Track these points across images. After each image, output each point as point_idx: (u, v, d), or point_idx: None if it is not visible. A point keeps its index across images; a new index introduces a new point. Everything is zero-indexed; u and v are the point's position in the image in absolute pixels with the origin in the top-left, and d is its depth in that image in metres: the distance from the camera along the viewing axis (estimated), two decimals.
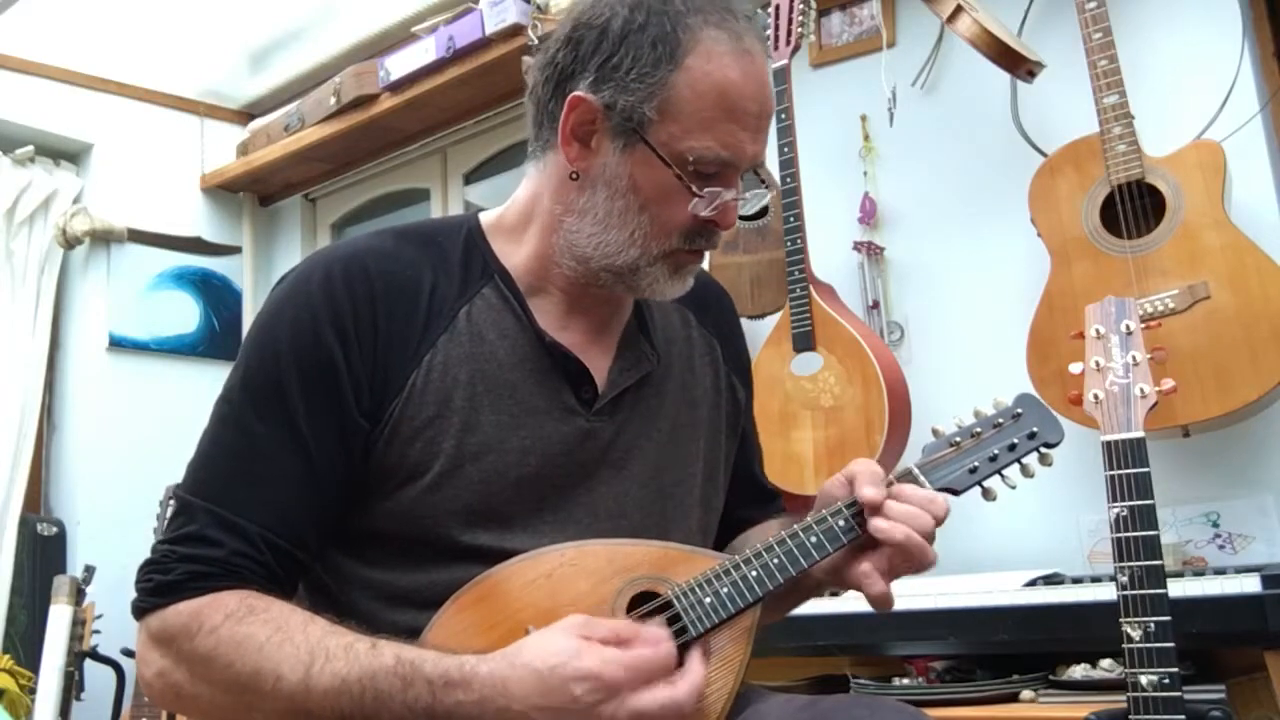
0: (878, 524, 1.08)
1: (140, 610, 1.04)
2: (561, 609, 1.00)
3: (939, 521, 1.10)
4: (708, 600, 1.04)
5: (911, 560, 1.09)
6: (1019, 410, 1.21)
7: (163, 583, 1.02)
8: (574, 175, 1.10)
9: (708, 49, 1.05)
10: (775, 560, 1.07)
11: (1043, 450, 1.20)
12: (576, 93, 1.08)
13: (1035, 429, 1.20)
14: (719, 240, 1.14)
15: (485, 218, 1.21)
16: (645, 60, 1.05)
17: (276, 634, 0.98)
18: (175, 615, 1.01)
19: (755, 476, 1.37)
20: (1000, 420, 1.20)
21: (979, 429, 1.20)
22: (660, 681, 0.94)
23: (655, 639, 0.96)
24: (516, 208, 1.19)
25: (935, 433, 1.21)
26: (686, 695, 0.94)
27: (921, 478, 1.15)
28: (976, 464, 1.17)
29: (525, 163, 1.19)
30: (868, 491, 1.09)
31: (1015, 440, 1.19)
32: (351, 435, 1.07)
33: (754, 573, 1.06)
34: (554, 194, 1.13)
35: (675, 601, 1.03)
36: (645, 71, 1.05)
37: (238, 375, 1.10)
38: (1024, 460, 1.20)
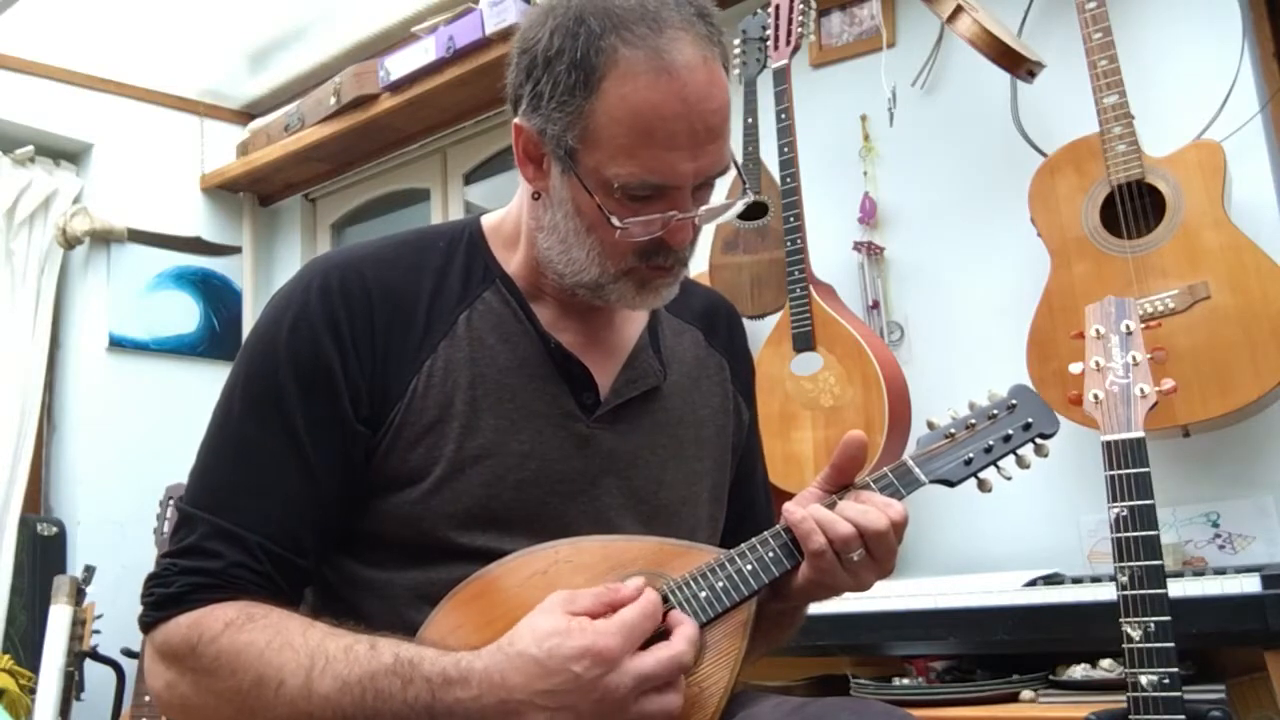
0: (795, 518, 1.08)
1: (145, 625, 1.04)
2: None
3: (896, 525, 1.07)
4: (703, 594, 1.04)
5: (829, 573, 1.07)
6: (1014, 401, 1.21)
7: (164, 596, 1.03)
8: (535, 195, 1.11)
9: (622, 72, 1.00)
10: (770, 554, 1.07)
11: (1038, 441, 1.20)
12: (516, 120, 1.08)
13: (1030, 420, 1.19)
14: (683, 256, 1.11)
15: (487, 222, 1.21)
16: (563, 88, 1.02)
17: (276, 639, 0.98)
18: (176, 628, 1.01)
19: (755, 499, 1.35)
20: (995, 412, 1.20)
21: (974, 420, 1.19)
22: (658, 642, 0.95)
23: (635, 591, 0.97)
24: (512, 216, 1.19)
25: (930, 425, 1.20)
26: (686, 647, 0.96)
27: (916, 470, 1.15)
28: (971, 455, 1.17)
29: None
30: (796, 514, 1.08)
31: (1010, 431, 1.18)
32: (351, 443, 1.07)
33: (749, 567, 1.06)
34: (528, 210, 1.14)
35: (670, 596, 1.03)
36: (564, 100, 1.02)
37: (236, 384, 1.10)
38: (1019, 451, 1.19)
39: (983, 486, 1.18)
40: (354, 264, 1.12)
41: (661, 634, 0.98)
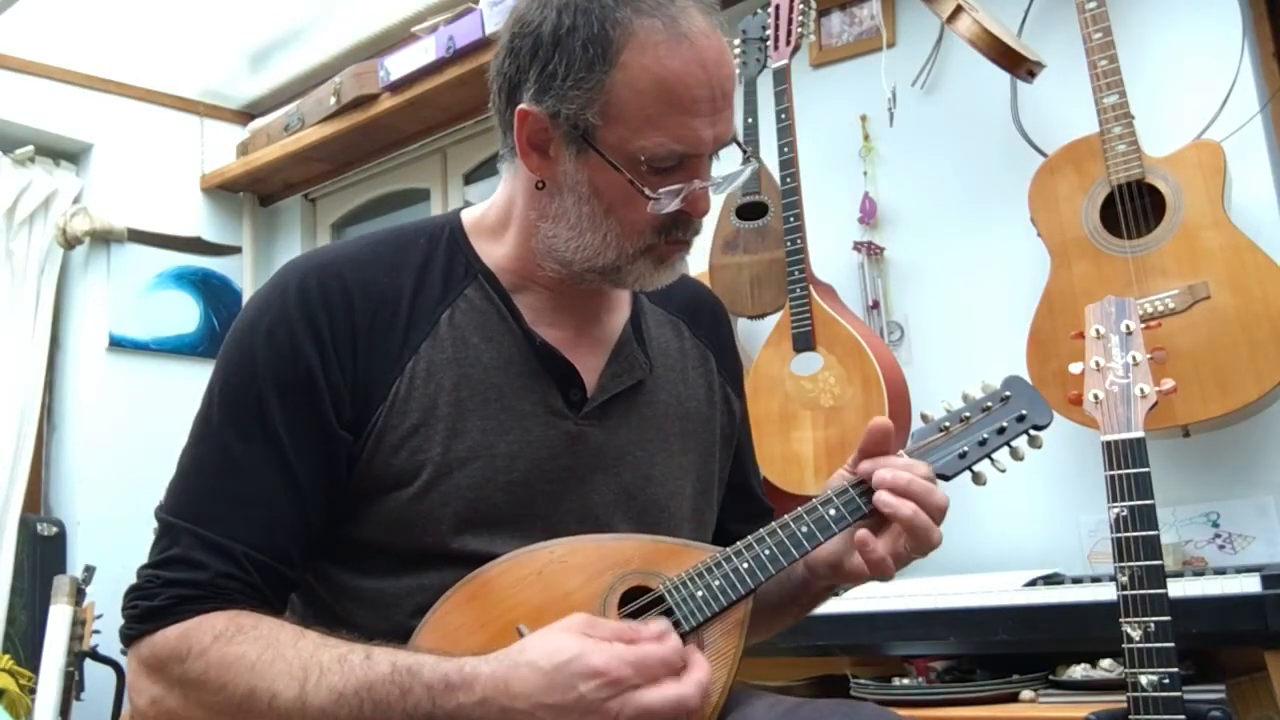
0: (884, 498, 1.08)
1: (128, 638, 1.02)
2: (553, 606, 0.99)
3: (941, 510, 1.10)
4: (699, 594, 1.04)
5: (918, 538, 1.08)
6: (1007, 393, 1.21)
7: (148, 608, 1.00)
8: (539, 184, 1.09)
9: (641, 42, 1.00)
10: (766, 551, 1.07)
11: (1032, 432, 1.20)
12: (521, 106, 1.05)
13: (1024, 411, 1.19)
14: (698, 228, 1.12)
15: (468, 216, 1.19)
16: (579, 65, 1.01)
17: (267, 651, 0.96)
18: (163, 641, 0.99)
19: (751, 490, 1.35)
20: (988, 404, 1.20)
21: (967, 413, 1.19)
22: (667, 678, 0.92)
23: (659, 634, 0.95)
24: (496, 209, 1.17)
25: (924, 418, 1.20)
26: (694, 692, 0.93)
27: None
28: (966, 449, 1.17)
29: (499, 163, 1.17)
30: (884, 473, 1.09)
31: (1004, 423, 1.18)
32: (333, 448, 1.05)
33: (745, 565, 1.06)
34: (527, 200, 1.12)
35: (667, 595, 1.03)
36: (581, 77, 1.01)
37: (215, 390, 1.08)
38: (1013, 443, 1.19)
39: (977, 479, 1.18)
40: (332, 265, 1.10)
41: None
